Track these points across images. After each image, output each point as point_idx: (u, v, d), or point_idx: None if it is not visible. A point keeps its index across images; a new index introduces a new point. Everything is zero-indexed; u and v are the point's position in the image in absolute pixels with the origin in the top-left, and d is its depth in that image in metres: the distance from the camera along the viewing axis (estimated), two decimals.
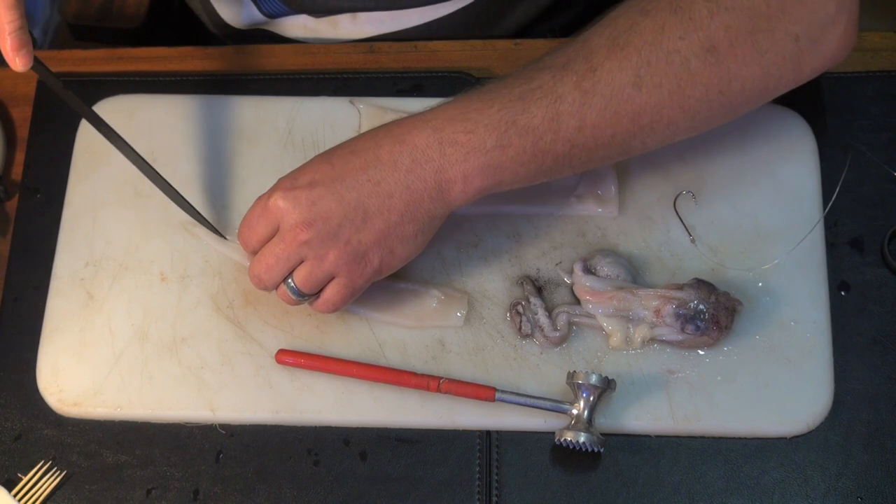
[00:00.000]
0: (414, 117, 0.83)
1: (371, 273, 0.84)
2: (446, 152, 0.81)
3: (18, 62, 0.82)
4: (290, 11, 1.04)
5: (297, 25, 1.06)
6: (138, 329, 0.91)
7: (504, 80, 0.83)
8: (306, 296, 0.85)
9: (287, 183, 0.83)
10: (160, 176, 0.91)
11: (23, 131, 1.01)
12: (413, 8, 1.02)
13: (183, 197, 0.92)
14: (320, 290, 0.85)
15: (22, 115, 1.01)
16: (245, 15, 1.06)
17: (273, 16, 1.06)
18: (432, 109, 0.83)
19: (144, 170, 0.91)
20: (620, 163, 0.93)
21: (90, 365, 0.90)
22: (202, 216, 0.92)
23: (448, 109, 0.82)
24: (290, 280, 0.84)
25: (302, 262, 0.83)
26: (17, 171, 0.99)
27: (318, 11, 1.04)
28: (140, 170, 0.91)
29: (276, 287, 0.85)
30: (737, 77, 0.81)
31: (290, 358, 0.88)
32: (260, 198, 0.84)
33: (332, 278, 0.84)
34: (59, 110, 1.00)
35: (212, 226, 0.93)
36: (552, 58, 0.82)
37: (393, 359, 0.89)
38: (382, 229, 0.82)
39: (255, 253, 0.85)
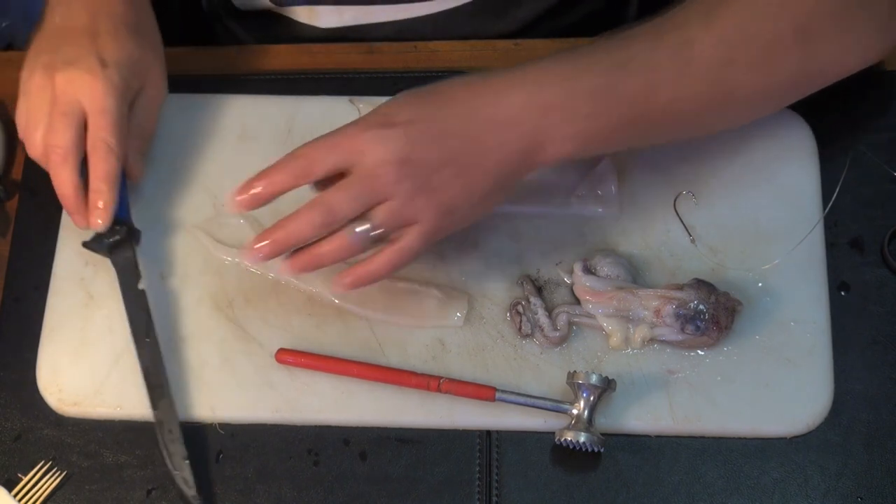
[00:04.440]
0: (511, 72, 0.81)
1: (452, 226, 0.81)
2: (544, 115, 0.79)
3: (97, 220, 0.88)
4: (300, 0, 1.04)
5: (302, 10, 1.05)
6: None
7: (597, 45, 0.82)
8: (373, 238, 0.79)
9: (380, 118, 0.78)
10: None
11: None
12: (418, 2, 1.02)
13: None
14: (383, 242, 0.80)
15: None
16: (252, 0, 1.06)
17: (281, 4, 1.05)
18: (530, 66, 0.81)
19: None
20: (620, 162, 0.93)
21: (90, 365, 0.90)
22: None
23: (546, 72, 0.81)
24: (358, 223, 0.78)
25: (381, 203, 0.78)
26: (17, 171, 0.99)
27: (326, 2, 1.03)
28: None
29: (342, 226, 0.79)
30: (825, 54, 0.83)
31: (290, 357, 0.88)
32: (342, 129, 0.79)
33: (411, 224, 0.79)
34: None
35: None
36: (644, 28, 0.82)
37: (393, 359, 0.89)
38: (472, 183, 0.80)
39: (304, 181, 0.80)
